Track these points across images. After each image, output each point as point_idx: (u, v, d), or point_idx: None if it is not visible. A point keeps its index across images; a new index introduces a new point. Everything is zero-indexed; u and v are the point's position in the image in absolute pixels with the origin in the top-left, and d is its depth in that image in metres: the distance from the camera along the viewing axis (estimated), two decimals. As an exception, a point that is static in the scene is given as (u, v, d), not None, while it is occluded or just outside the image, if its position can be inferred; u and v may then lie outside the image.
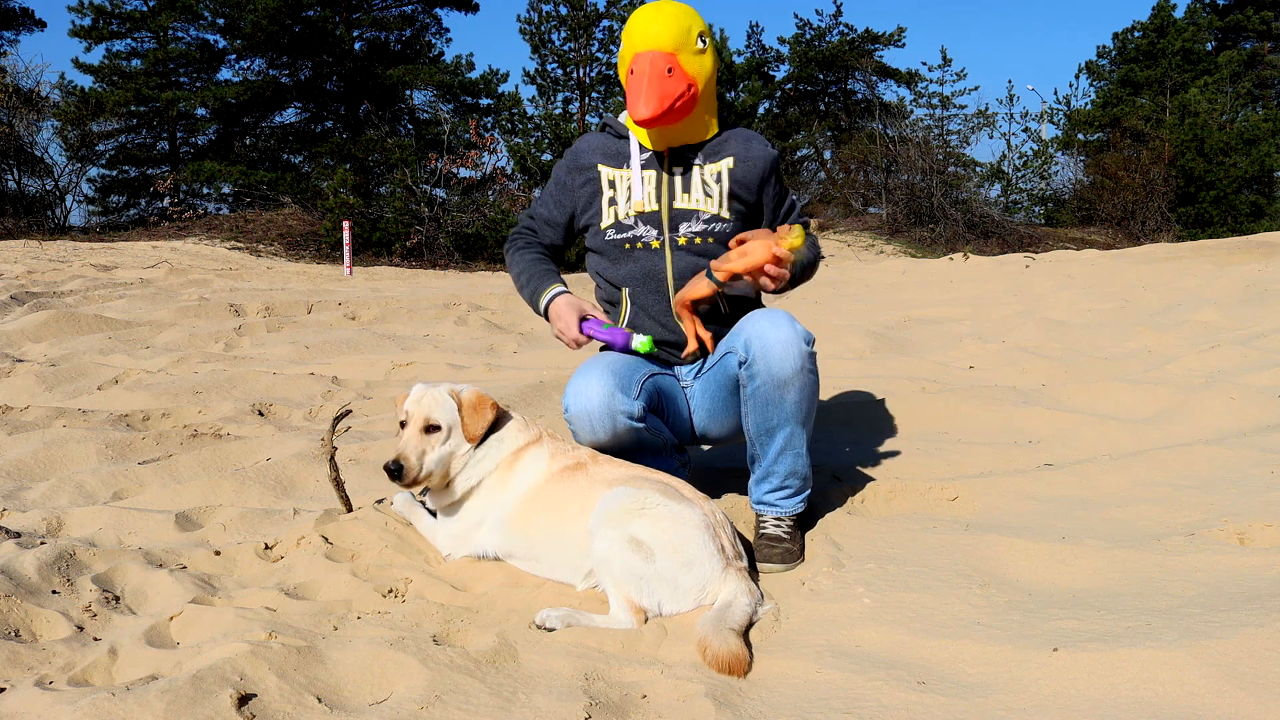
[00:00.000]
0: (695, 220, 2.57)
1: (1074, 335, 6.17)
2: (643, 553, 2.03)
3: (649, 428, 2.47)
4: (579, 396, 2.41)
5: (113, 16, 24.00)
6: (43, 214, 19.86)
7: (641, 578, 2.03)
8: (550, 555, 2.25)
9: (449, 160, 18.55)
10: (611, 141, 2.67)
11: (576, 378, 2.45)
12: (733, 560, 2.12)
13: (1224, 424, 3.68)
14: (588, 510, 2.17)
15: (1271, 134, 26.09)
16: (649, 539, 2.04)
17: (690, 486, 2.29)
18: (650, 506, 2.09)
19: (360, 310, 7.33)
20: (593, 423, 2.39)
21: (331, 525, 2.53)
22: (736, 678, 1.81)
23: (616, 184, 2.62)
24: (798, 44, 33.62)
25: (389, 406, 4.26)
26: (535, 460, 2.36)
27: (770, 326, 2.34)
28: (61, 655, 1.88)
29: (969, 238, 23.15)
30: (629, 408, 2.40)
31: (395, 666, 1.81)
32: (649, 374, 2.52)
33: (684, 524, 2.07)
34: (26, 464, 3.17)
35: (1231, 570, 2.16)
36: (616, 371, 2.43)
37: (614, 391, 2.38)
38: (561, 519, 2.23)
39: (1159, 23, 31.17)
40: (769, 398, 2.34)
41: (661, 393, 2.56)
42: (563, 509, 2.24)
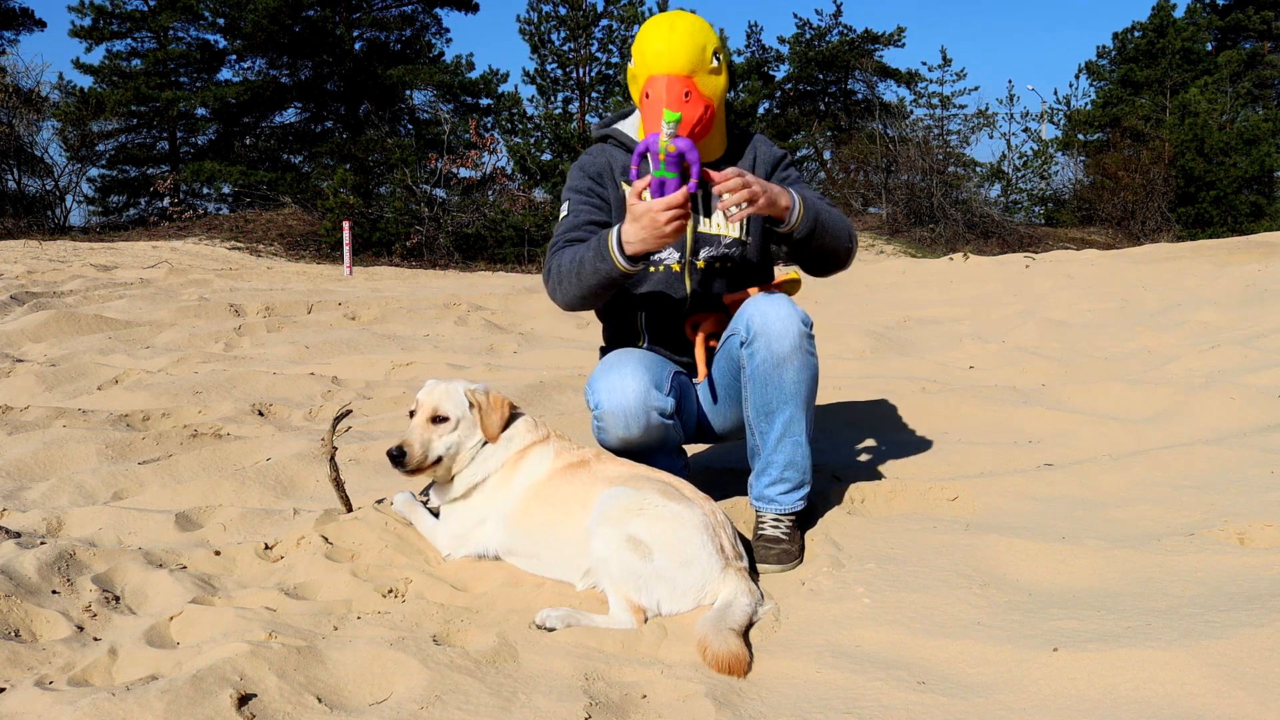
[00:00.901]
0: (716, 245, 2.56)
1: (1074, 335, 6.18)
2: (640, 552, 2.03)
3: (675, 425, 2.49)
4: (613, 393, 2.39)
5: (113, 16, 24.01)
6: (43, 214, 19.87)
7: (640, 577, 2.03)
8: (550, 552, 2.25)
9: (449, 160, 18.56)
10: (623, 156, 2.61)
11: (607, 374, 2.42)
12: (732, 560, 2.12)
13: (1224, 424, 3.68)
14: (588, 507, 2.18)
15: (1271, 134, 26.10)
16: (647, 538, 2.04)
17: (690, 486, 2.30)
18: (649, 506, 2.10)
19: (360, 310, 7.33)
20: (628, 419, 2.38)
21: (331, 525, 2.53)
22: (736, 678, 1.81)
23: None
24: (797, 44, 33.64)
25: (389, 406, 4.26)
26: (540, 458, 2.36)
27: (769, 305, 2.35)
28: (61, 655, 1.88)
29: (969, 238, 23.16)
30: (663, 404, 2.40)
31: (395, 666, 1.81)
32: (675, 370, 2.54)
33: (682, 524, 2.07)
34: (26, 464, 3.17)
35: (1231, 570, 2.16)
36: (649, 368, 2.43)
37: (649, 388, 2.39)
38: (563, 515, 2.24)
39: (1158, 22, 31.19)
40: (768, 375, 2.33)
41: (683, 389, 2.59)
42: (564, 505, 2.25)
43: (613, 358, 2.49)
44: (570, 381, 4.66)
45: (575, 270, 2.40)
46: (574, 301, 2.46)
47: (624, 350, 2.54)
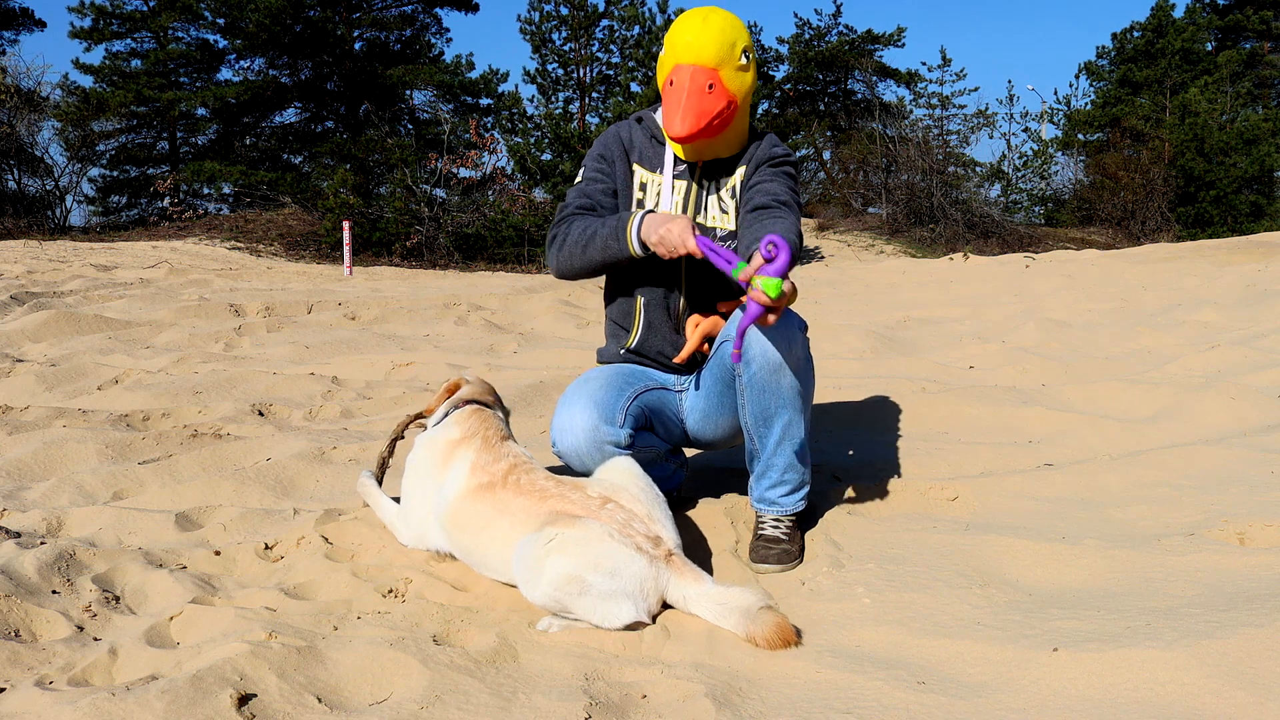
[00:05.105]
0: (713, 238, 2.54)
1: (1074, 335, 6.18)
2: (577, 586, 1.98)
3: (639, 448, 2.48)
4: (564, 433, 2.42)
5: (113, 17, 24.00)
6: (43, 214, 19.86)
7: (594, 607, 1.99)
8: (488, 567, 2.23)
9: (449, 160, 18.55)
10: (649, 142, 2.62)
11: (560, 411, 2.45)
12: (654, 551, 2.06)
13: (1224, 424, 3.68)
14: (498, 538, 2.16)
15: (1271, 134, 26.08)
16: (573, 571, 1.98)
17: (580, 492, 2.19)
18: (555, 542, 2.03)
19: (360, 310, 7.33)
20: (582, 457, 2.41)
21: (331, 525, 2.53)
22: (794, 645, 1.91)
23: (648, 187, 2.59)
24: (797, 44, 33.62)
25: (389, 406, 4.26)
26: (460, 468, 2.31)
27: None
28: (61, 655, 1.88)
29: (969, 238, 23.14)
30: (615, 437, 2.40)
31: (395, 666, 1.81)
32: (634, 394, 2.50)
33: (589, 542, 2.02)
34: (26, 464, 3.17)
35: (1231, 570, 2.16)
36: (599, 401, 2.42)
37: (598, 424, 2.38)
38: (486, 537, 2.21)
39: (1156, 22, 31.19)
40: (765, 383, 2.32)
41: (650, 409, 2.55)
42: (485, 528, 2.21)
43: (571, 389, 2.49)
44: (570, 382, 4.66)
45: (584, 242, 2.45)
46: (571, 271, 2.52)
47: (586, 376, 2.54)
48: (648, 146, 2.62)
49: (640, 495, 2.19)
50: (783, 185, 2.52)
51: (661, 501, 2.21)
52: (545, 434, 3.60)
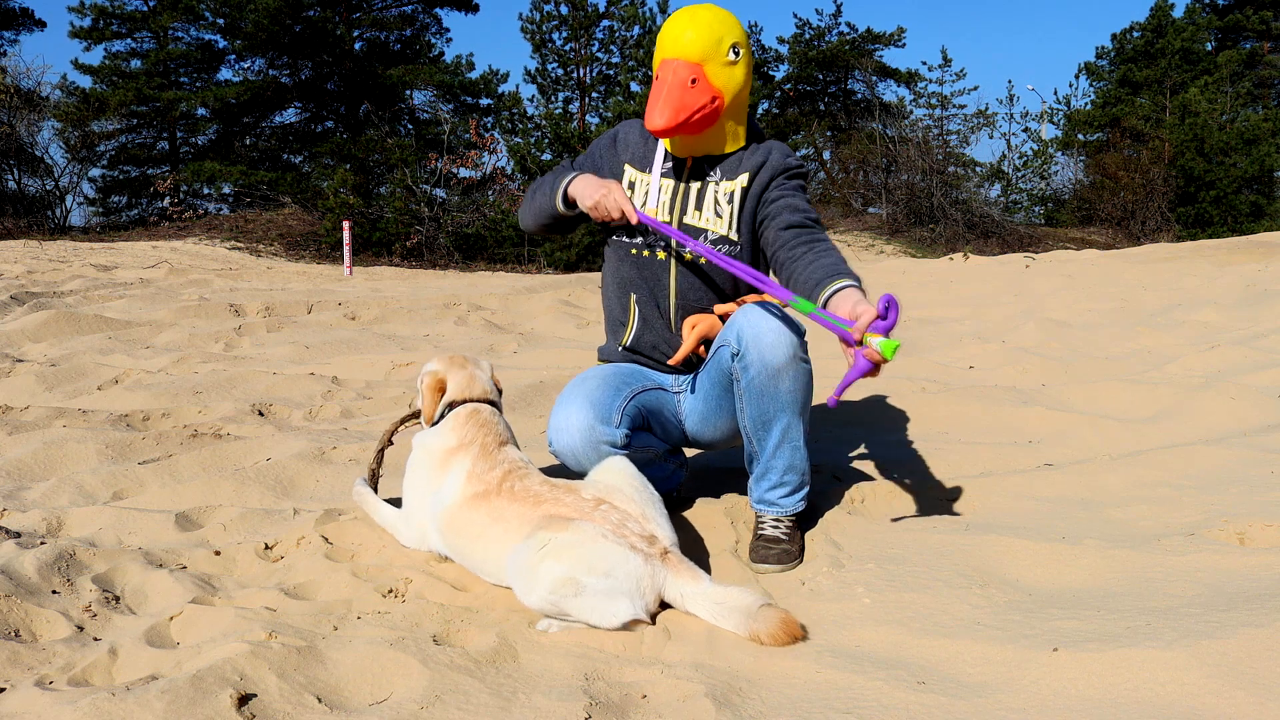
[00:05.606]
0: (703, 239, 2.52)
1: (1074, 335, 6.18)
2: (572, 589, 1.98)
3: (637, 448, 2.47)
4: (560, 433, 2.42)
5: (113, 17, 24.02)
6: (43, 214, 19.87)
7: (592, 608, 1.99)
8: (486, 572, 2.23)
9: (449, 160, 18.56)
10: (643, 142, 2.63)
11: (557, 410, 2.45)
12: (649, 549, 2.06)
13: (1224, 424, 3.68)
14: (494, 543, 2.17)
15: (1271, 134, 26.08)
16: (567, 574, 1.98)
17: (577, 492, 2.19)
18: (548, 547, 2.03)
19: (360, 310, 7.33)
20: (578, 457, 2.41)
21: (331, 525, 2.53)
22: (800, 640, 1.93)
23: (635, 186, 2.59)
24: (797, 44, 33.63)
25: (389, 406, 4.26)
26: (456, 475, 2.31)
27: (761, 316, 2.32)
28: (61, 655, 1.88)
29: (969, 238, 23.15)
30: (611, 437, 2.39)
31: (395, 666, 1.81)
32: (631, 394, 2.50)
33: (582, 544, 2.02)
34: (26, 464, 3.17)
35: (1231, 570, 2.16)
36: (595, 401, 2.41)
37: (593, 424, 2.38)
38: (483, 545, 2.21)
39: (1156, 22, 31.20)
40: (764, 387, 2.32)
41: (647, 410, 2.54)
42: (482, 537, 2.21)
43: (568, 388, 2.49)
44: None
45: (532, 193, 2.71)
46: (525, 220, 2.77)
47: (584, 375, 2.54)
48: (641, 146, 2.62)
49: (634, 495, 2.18)
50: (804, 199, 2.53)
51: (656, 501, 2.21)
52: (545, 434, 3.59)
